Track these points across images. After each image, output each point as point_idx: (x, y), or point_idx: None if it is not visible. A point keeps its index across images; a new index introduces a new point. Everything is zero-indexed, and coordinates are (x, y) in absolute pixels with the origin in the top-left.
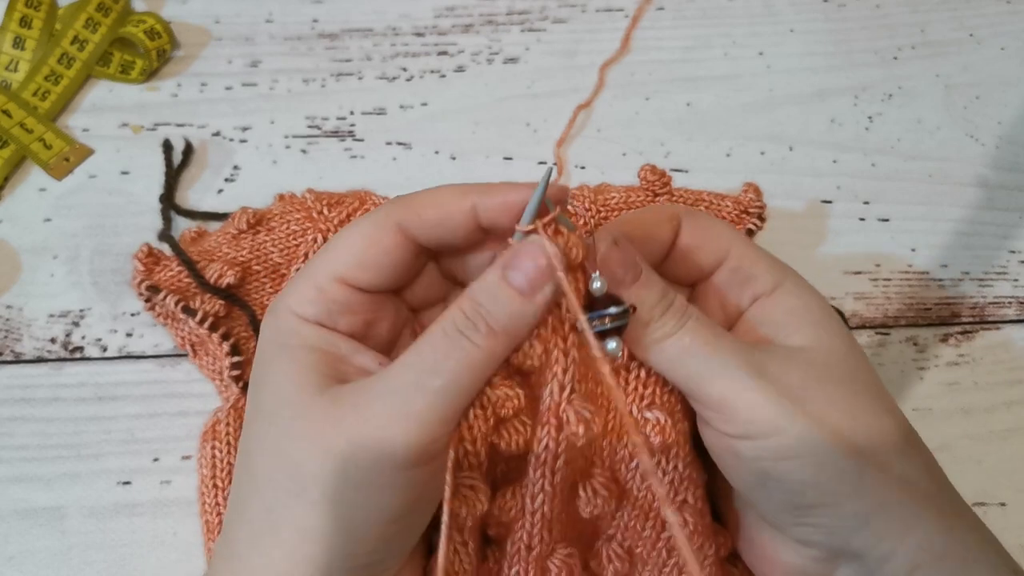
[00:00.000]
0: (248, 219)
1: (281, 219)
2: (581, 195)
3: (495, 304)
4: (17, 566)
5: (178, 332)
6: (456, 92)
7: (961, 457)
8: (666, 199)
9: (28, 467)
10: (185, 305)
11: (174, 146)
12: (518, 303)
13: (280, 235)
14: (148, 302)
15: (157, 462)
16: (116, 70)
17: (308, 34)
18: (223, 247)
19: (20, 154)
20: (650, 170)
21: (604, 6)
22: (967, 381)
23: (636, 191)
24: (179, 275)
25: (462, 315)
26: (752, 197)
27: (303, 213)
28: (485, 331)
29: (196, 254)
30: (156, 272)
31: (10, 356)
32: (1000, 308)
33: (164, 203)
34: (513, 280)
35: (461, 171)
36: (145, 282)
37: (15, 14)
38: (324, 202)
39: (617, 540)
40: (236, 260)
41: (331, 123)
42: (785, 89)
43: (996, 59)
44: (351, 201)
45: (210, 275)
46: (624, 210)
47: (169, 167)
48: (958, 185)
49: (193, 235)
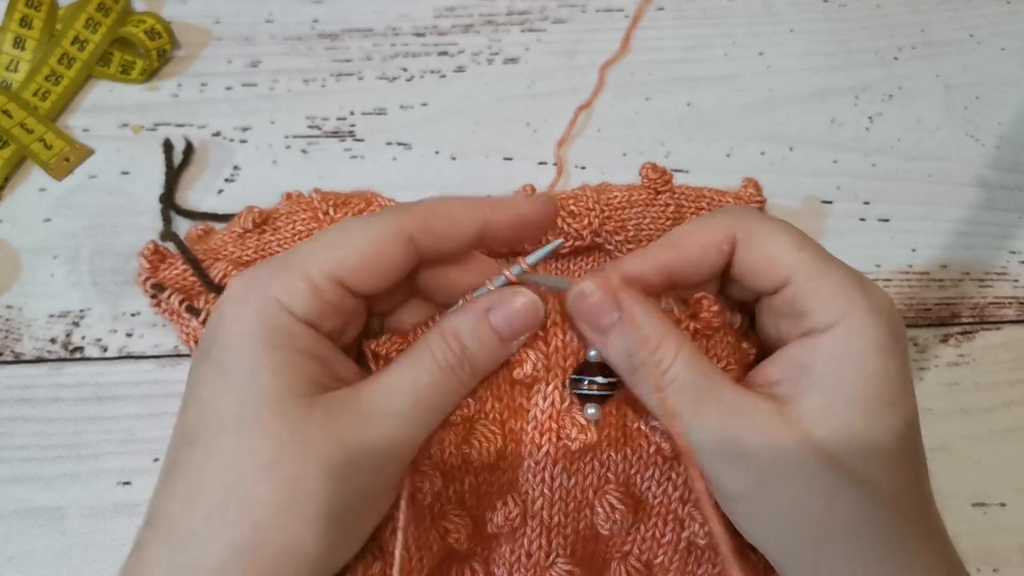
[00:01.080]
0: (254, 218)
1: (287, 219)
2: (583, 195)
3: (478, 347)
4: (17, 566)
5: (183, 330)
6: (456, 92)
7: (961, 457)
8: (668, 196)
9: (28, 467)
10: (189, 304)
11: (174, 146)
12: (497, 347)
13: (286, 235)
14: (153, 299)
15: (157, 462)
16: (116, 70)
17: (308, 34)
18: (228, 246)
19: (20, 154)
20: (651, 168)
21: (604, 6)
22: (967, 381)
23: (638, 190)
24: (184, 273)
25: (452, 353)
26: (752, 192)
27: (309, 213)
28: (469, 372)
29: (201, 252)
30: (161, 270)
31: (10, 356)
32: (1000, 308)
33: (164, 203)
34: (496, 324)
35: (461, 171)
36: (150, 280)
37: (15, 14)
38: (330, 203)
39: (634, 555)
40: (241, 259)
41: (331, 123)
42: (785, 89)
43: (996, 59)
44: (357, 202)
45: (215, 274)
46: (627, 208)
47: (169, 167)
48: (958, 185)
49: (199, 233)
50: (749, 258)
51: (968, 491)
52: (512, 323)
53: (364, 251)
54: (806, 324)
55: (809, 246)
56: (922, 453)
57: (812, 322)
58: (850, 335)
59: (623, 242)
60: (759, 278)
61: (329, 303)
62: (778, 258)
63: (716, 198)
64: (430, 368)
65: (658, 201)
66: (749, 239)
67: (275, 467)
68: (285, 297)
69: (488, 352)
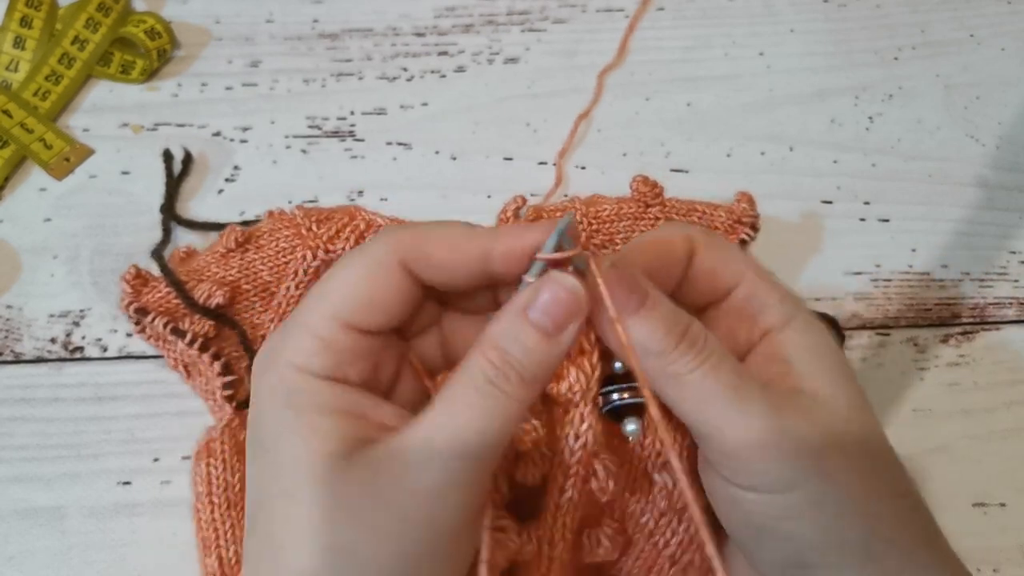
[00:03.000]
0: (237, 237)
1: (270, 237)
2: (572, 207)
3: (521, 351)
4: (17, 566)
5: (169, 353)
6: (456, 92)
7: (961, 457)
8: (658, 209)
9: (28, 467)
10: (174, 327)
11: (174, 156)
12: (544, 346)
13: (269, 253)
14: (137, 324)
15: (157, 462)
16: (116, 70)
17: (308, 34)
18: (212, 266)
19: (20, 154)
20: (642, 181)
21: (604, 6)
22: (967, 381)
23: (628, 202)
24: (167, 296)
25: (491, 366)
26: (745, 207)
27: (292, 230)
28: (517, 382)
29: (185, 274)
30: (144, 294)
31: (10, 356)
32: (1000, 308)
33: (165, 214)
34: (536, 320)
35: (461, 171)
36: (134, 304)
37: (16, 14)
38: (313, 218)
39: None
40: (225, 280)
41: (331, 123)
42: (785, 89)
43: (996, 59)
44: (340, 216)
45: (199, 295)
46: (616, 221)
47: (170, 177)
48: (958, 185)
49: (182, 255)
50: (709, 258)
51: (968, 491)
52: (552, 313)
53: (363, 287)
54: (765, 321)
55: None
56: None
57: (772, 318)
58: (807, 327)
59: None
60: (716, 276)
61: (344, 351)
62: (732, 259)
63: (708, 211)
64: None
65: (648, 214)
66: (705, 244)
67: (318, 535)
68: (298, 359)
69: (536, 354)
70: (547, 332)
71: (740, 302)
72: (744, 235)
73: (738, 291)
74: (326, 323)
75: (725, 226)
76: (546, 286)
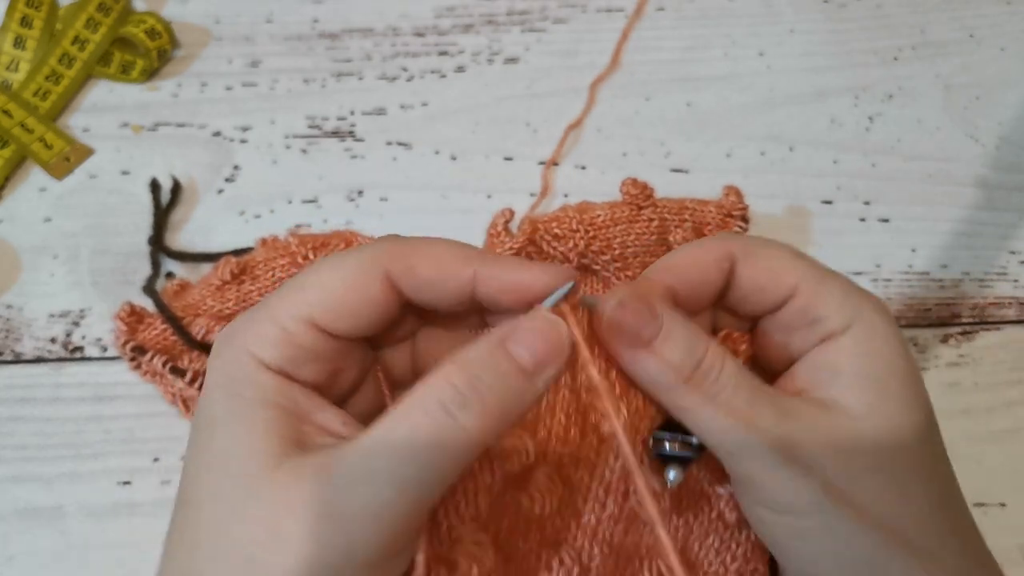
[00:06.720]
0: (232, 269)
1: (266, 267)
2: (566, 217)
3: (494, 377)
4: (17, 566)
5: (168, 390)
6: (456, 92)
7: (961, 457)
8: (651, 211)
9: (28, 467)
10: (173, 366)
11: (161, 185)
12: (518, 382)
13: (266, 283)
14: (133, 361)
15: (157, 462)
16: (117, 70)
17: (308, 34)
18: (207, 300)
19: (20, 154)
20: (632, 183)
21: (604, 6)
22: (967, 381)
23: (620, 206)
24: (164, 333)
25: (452, 390)
26: (734, 200)
27: (288, 259)
28: (477, 412)
29: (180, 309)
30: (140, 331)
31: (10, 356)
32: (1000, 308)
33: (153, 246)
34: (516, 353)
35: (461, 171)
36: (130, 343)
37: (16, 14)
38: (309, 246)
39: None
40: (222, 313)
41: (331, 123)
42: (785, 89)
43: (996, 59)
44: (336, 243)
45: (196, 331)
46: (611, 227)
47: (157, 207)
48: (958, 185)
49: (175, 288)
50: (753, 273)
51: (968, 491)
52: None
53: (335, 290)
54: (822, 330)
55: (805, 256)
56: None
57: (829, 326)
58: (868, 334)
59: (610, 261)
60: (765, 292)
61: (302, 347)
62: (782, 269)
63: (698, 208)
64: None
65: (641, 216)
66: (748, 255)
67: (230, 537)
68: (254, 346)
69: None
70: (525, 369)
71: (795, 314)
72: (736, 228)
73: (792, 303)
74: (292, 316)
75: (716, 221)
76: (533, 322)
